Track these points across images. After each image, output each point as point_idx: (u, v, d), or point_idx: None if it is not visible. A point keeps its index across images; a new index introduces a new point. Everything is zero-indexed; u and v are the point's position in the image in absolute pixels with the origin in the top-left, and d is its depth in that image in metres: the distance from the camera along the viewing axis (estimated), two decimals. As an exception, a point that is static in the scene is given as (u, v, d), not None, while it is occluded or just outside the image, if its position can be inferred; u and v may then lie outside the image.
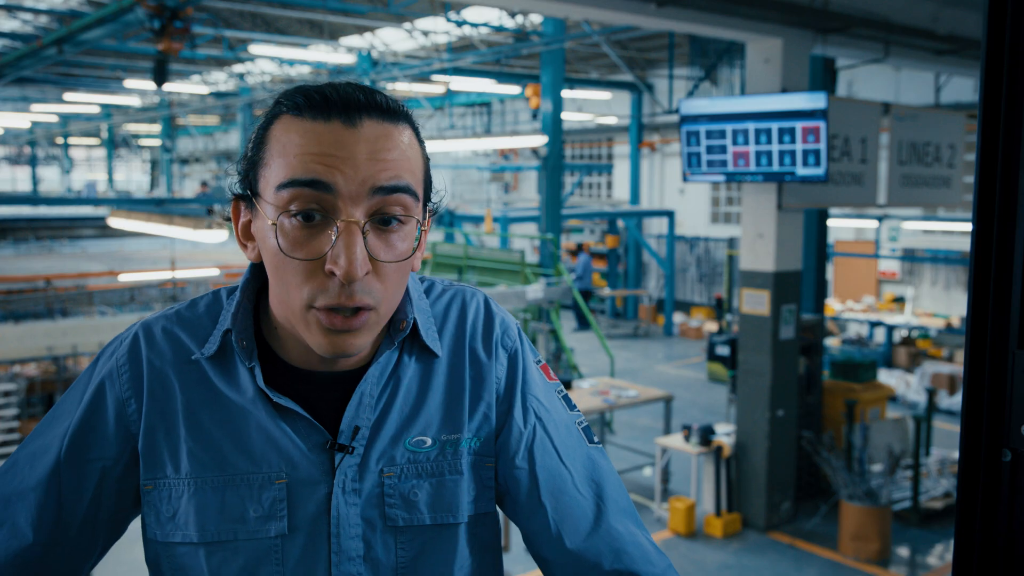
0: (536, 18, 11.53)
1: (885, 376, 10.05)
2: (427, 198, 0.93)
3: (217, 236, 10.59)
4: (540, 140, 10.24)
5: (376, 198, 0.85)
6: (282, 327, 0.94)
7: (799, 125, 5.47)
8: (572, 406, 1.05)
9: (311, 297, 0.85)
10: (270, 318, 0.95)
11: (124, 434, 0.94)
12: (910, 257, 12.87)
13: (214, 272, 10.59)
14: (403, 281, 0.90)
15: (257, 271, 0.97)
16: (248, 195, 0.90)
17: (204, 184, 19.53)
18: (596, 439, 1.04)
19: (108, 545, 0.99)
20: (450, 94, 15.21)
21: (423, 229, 0.92)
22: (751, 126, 5.67)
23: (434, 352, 0.98)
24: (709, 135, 5.88)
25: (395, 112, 0.88)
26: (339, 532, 0.92)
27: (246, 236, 0.93)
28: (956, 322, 11.03)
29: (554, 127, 10.23)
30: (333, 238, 0.83)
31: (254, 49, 11.89)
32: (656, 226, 16.22)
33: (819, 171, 5.45)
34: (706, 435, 6.24)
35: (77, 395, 0.97)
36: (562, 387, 1.06)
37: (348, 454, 0.92)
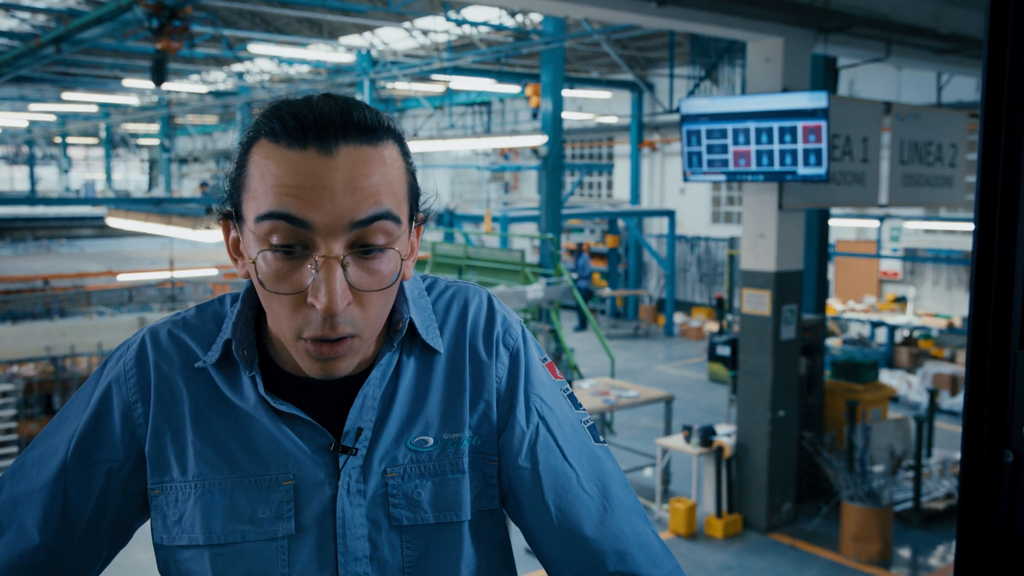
0: (536, 17, 11.53)
1: (886, 376, 10.05)
2: (414, 210, 0.92)
3: (216, 236, 10.59)
4: (540, 140, 10.24)
5: (356, 231, 0.84)
6: (274, 336, 0.95)
7: (800, 124, 5.46)
8: (577, 405, 1.04)
9: (298, 328, 0.85)
10: (269, 327, 0.96)
11: (130, 438, 0.95)
12: (912, 257, 12.87)
13: (213, 272, 10.59)
14: (388, 303, 0.91)
15: None
16: (231, 215, 0.90)
17: (204, 184, 19.55)
18: (602, 438, 1.03)
19: (114, 551, 0.99)
20: (450, 93, 15.22)
21: (412, 239, 0.92)
22: (752, 125, 5.67)
23: (435, 349, 0.98)
24: (710, 134, 5.87)
25: (375, 129, 0.86)
26: (345, 533, 0.92)
27: (236, 252, 0.93)
28: (958, 322, 11.02)
29: (554, 126, 10.23)
30: (313, 272, 0.83)
31: (253, 48, 11.90)
32: (656, 226, 16.22)
33: (820, 171, 5.45)
34: (707, 436, 6.23)
35: (84, 399, 0.98)
36: (567, 385, 1.06)
37: (352, 455, 0.93)
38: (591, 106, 17.14)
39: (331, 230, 0.83)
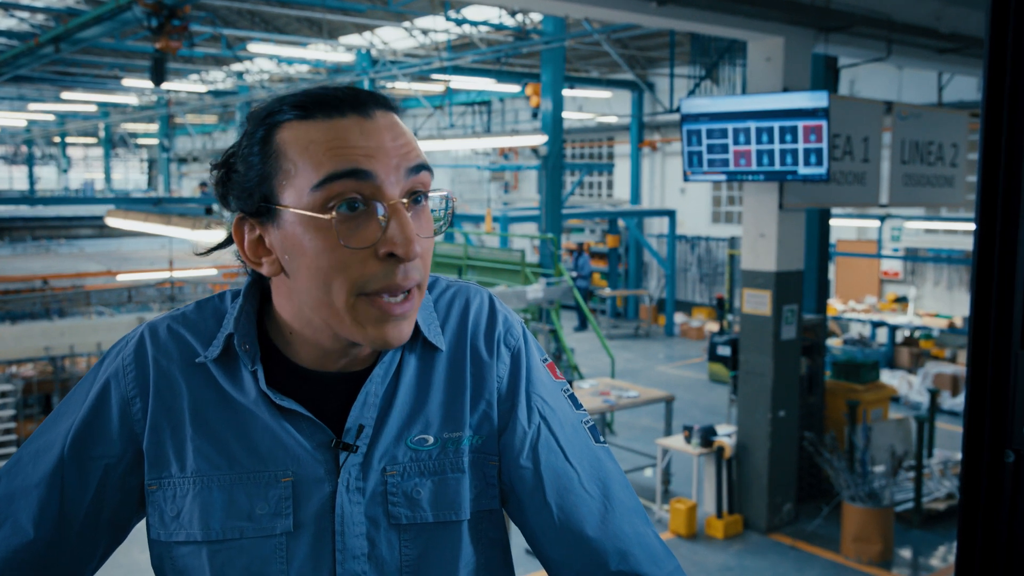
0: (536, 16, 11.53)
1: (887, 377, 10.05)
2: None
3: (216, 236, 10.57)
4: (540, 139, 10.24)
5: (410, 178, 0.88)
6: (294, 330, 0.94)
7: (801, 124, 5.46)
8: (578, 405, 1.05)
9: (363, 285, 0.86)
10: (275, 320, 0.96)
11: (128, 433, 0.94)
12: (912, 257, 12.87)
13: (212, 272, 10.58)
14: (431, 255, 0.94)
15: (260, 275, 0.97)
16: (261, 210, 0.89)
17: (203, 184, 19.56)
18: (602, 438, 1.04)
19: (110, 548, 0.99)
20: (450, 93, 15.20)
21: (451, 208, 0.95)
22: (752, 125, 5.66)
23: (436, 346, 0.98)
24: (710, 134, 5.87)
25: (390, 103, 0.92)
26: (343, 530, 0.92)
27: (257, 253, 0.92)
28: (959, 322, 11.01)
29: (554, 126, 10.23)
30: (383, 222, 0.85)
31: (253, 48, 11.90)
32: (657, 226, 16.22)
33: (821, 170, 5.44)
34: (707, 436, 6.23)
35: (82, 394, 0.97)
36: (568, 386, 1.06)
37: (352, 452, 0.92)
38: (591, 106, 17.14)
39: (391, 179, 0.86)
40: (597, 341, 12.16)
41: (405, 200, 0.87)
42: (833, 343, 10.93)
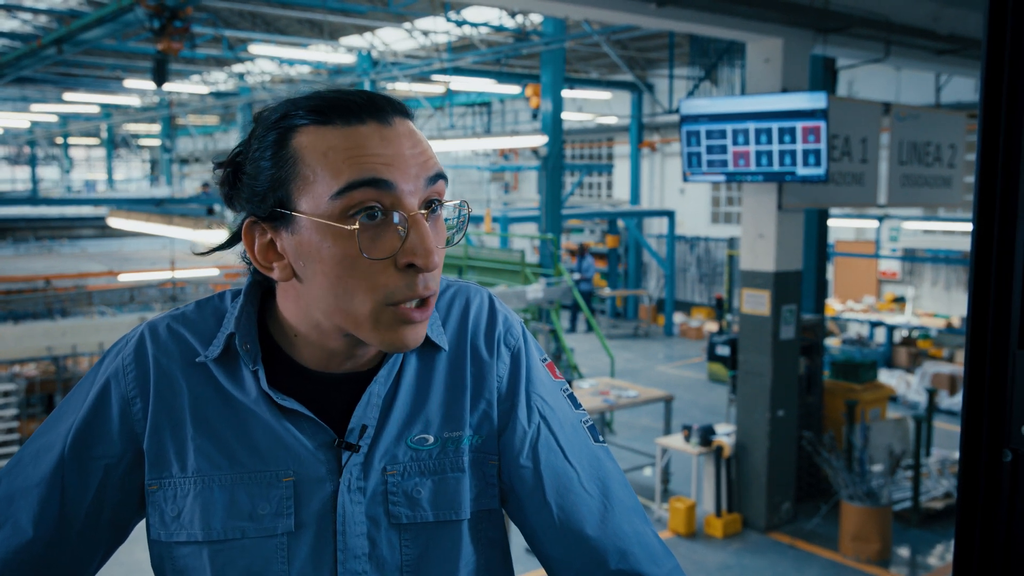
0: (536, 18, 11.53)
1: (885, 376, 10.05)
2: None
3: (217, 237, 10.57)
4: (540, 140, 10.24)
5: (428, 188, 0.87)
6: (299, 332, 0.93)
7: (799, 125, 5.47)
8: (577, 405, 1.05)
9: (389, 296, 0.85)
10: (278, 320, 0.95)
11: (128, 433, 0.94)
12: (910, 257, 12.87)
13: (214, 272, 10.56)
14: None
15: (261, 276, 0.96)
16: (275, 215, 0.87)
17: (206, 185, 19.55)
18: (601, 438, 1.04)
19: (111, 549, 0.98)
20: (450, 94, 15.20)
21: (466, 214, 0.95)
22: (751, 126, 5.67)
23: (437, 346, 0.98)
24: (709, 135, 5.87)
25: (407, 110, 0.91)
26: (344, 530, 0.92)
27: (268, 258, 0.90)
28: (956, 322, 11.02)
29: (554, 127, 10.23)
30: (402, 232, 0.85)
31: (254, 49, 11.89)
32: (656, 226, 16.22)
33: (819, 171, 5.45)
34: (706, 435, 6.23)
35: (82, 394, 0.97)
36: (567, 385, 1.06)
37: (355, 452, 0.92)
38: (591, 106, 17.13)
39: (412, 189, 0.86)
40: (597, 341, 12.16)
41: (424, 210, 0.86)
42: (832, 343, 10.94)
